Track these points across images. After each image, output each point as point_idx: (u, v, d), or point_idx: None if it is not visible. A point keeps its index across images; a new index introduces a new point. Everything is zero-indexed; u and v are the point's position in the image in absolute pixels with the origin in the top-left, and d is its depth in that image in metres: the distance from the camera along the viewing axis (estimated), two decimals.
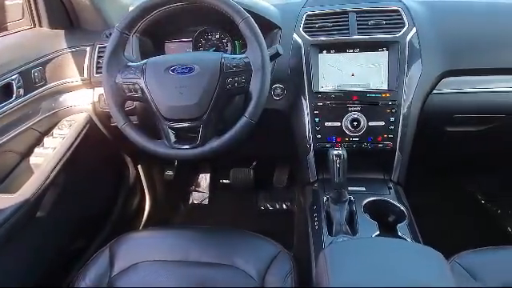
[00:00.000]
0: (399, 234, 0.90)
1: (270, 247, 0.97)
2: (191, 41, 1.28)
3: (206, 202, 1.93)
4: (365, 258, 0.67)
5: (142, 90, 0.93)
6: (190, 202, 1.94)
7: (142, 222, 1.64)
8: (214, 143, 0.92)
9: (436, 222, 1.33)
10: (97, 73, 1.21)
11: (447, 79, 1.10)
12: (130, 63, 0.96)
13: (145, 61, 0.96)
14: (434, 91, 1.10)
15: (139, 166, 1.58)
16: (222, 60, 0.92)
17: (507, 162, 1.58)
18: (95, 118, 1.27)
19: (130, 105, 1.17)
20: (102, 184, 1.44)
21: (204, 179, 1.97)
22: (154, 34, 1.26)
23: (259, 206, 1.89)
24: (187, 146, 0.93)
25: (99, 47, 1.22)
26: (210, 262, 0.95)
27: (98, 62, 1.21)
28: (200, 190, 1.96)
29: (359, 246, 0.71)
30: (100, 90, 1.22)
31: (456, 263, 0.89)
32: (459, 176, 1.74)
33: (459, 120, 1.14)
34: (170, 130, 0.93)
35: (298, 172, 1.24)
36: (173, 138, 0.93)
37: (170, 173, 1.72)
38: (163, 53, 1.30)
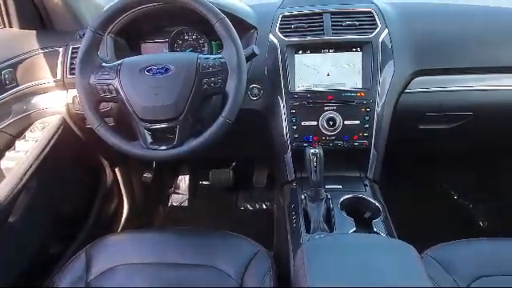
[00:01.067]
0: (375, 229, 0.92)
1: (249, 247, 0.98)
2: (168, 41, 1.27)
3: (185, 203, 1.92)
4: (340, 254, 0.68)
5: (116, 90, 0.91)
6: (170, 204, 1.92)
7: (120, 226, 1.62)
8: (191, 143, 0.91)
9: (411, 217, 1.36)
10: (70, 74, 1.19)
11: (419, 78, 1.13)
12: (105, 64, 0.94)
13: (120, 61, 0.95)
14: (407, 90, 1.13)
15: (116, 169, 1.56)
16: (198, 60, 0.92)
17: (478, 158, 1.64)
18: (69, 121, 1.24)
19: (105, 106, 1.16)
20: (78, 187, 1.41)
21: (183, 181, 1.95)
22: (129, 35, 1.24)
23: (239, 207, 1.90)
24: (164, 147, 0.92)
25: (72, 48, 1.20)
26: (189, 263, 0.94)
27: (71, 63, 1.19)
28: (179, 191, 1.94)
29: (335, 242, 0.73)
30: (74, 92, 1.19)
31: (429, 256, 0.91)
32: (433, 172, 1.79)
33: (431, 118, 1.18)
34: (146, 131, 0.92)
35: (277, 171, 1.25)
36: (149, 139, 0.93)
37: (148, 175, 1.70)
38: (139, 53, 1.29)
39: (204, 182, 1.97)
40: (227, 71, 0.91)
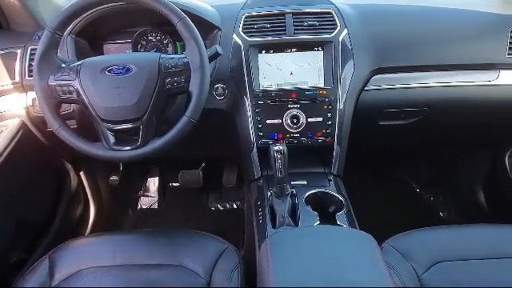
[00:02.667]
0: (338, 222, 0.95)
1: (217, 245, 0.99)
2: (131, 42, 1.26)
3: (155, 206, 1.90)
4: (302, 245, 0.71)
5: (77, 91, 0.90)
6: (139, 207, 1.90)
7: (88, 230, 1.58)
8: (156, 143, 0.91)
9: (374, 210, 1.41)
10: (29, 76, 1.15)
11: (377, 76, 1.18)
12: (64, 64, 0.93)
13: (80, 62, 0.94)
14: (366, 88, 1.18)
15: (81, 172, 1.52)
16: (161, 60, 0.92)
17: (436, 152, 1.73)
18: (29, 124, 1.21)
19: (66, 108, 1.14)
20: (41, 192, 1.37)
21: (152, 183, 1.93)
22: (90, 35, 1.22)
23: (209, 207, 1.90)
24: (128, 148, 0.92)
25: (31, 49, 1.16)
26: (156, 263, 0.94)
27: (29, 65, 1.15)
28: (148, 194, 1.92)
29: (298, 234, 0.75)
30: (34, 94, 1.16)
31: (389, 245, 0.96)
32: (395, 167, 1.87)
33: (389, 114, 1.23)
34: (108, 132, 0.92)
35: (244, 170, 1.27)
36: (112, 140, 0.92)
37: (115, 178, 1.67)
38: (101, 54, 1.27)
39: (173, 184, 1.96)
40: (190, 71, 0.92)
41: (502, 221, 1.04)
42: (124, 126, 0.91)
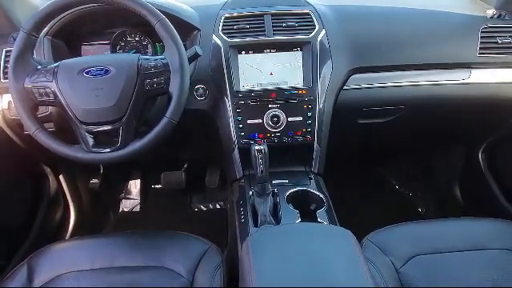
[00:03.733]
0: (318, 219, 0.97)
1: (199, 244, 0.99)
2: (109, 43, 1.25)
3: (137, 208, 1.88)
4: (283, 243, 0.72)
5: (54, 93, 0.89)
6: (121, 210, 1.88)
7: (68, 235, 1.56)
8: (136, 145, 0.91)
9: (354, 206, 1.44)
10: (4, 78, 1.13)
11: (355, 76, 1.21)
12: (40, 66, 0.91)
13: (57, 63, 0.93)
14: (345, 87, 1.20)
15: (61, 176, 1.50)
16: (140, 61, 0.92)
17: (414, 149, 1.77)
18: (5, 127, 1.18)
19: (44, 111, 1.12)
20: (18, 197, 1.34)
21: (134, 185, 1.92)
22: (68, 37, 1.20)
23: (193, 208, 1.90)
24: (108, 150, 0.91)
25: (6, 51, 1.14)
26: (138, 265, 0.94)
27: (5, 67, 1.13)
28: (130, 196, 1.90)
29: (278, 232, 0.76)
30: (9, 97, 1.13)
31: (368, 241, 0.98)
32: (374, 164, 1.91)
33: (368, 113, 1.26)
34: (87, 134, 0.91)
35: (226, 170, 1.28)
36: (91, 142, 0.91)
37: (96, 181, 1.65)
38: (79, 56, 1.25)
39: (156, 186, 1.95)
40: (170, 72, 0.92)
41: (476, 214, 1.08)
42: (103, 128, 0.90)
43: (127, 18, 1.10)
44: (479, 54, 1.21)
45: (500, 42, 1.21)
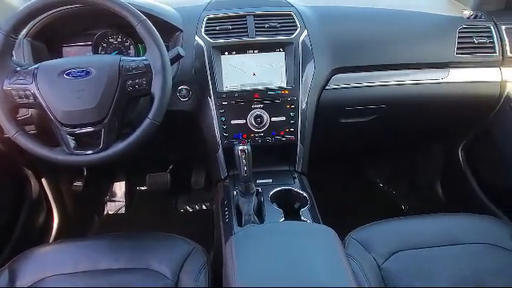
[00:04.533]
0: (302, 218, 0.98)
1: (184, 245, 0.99)
2: (91, 44, 1.24)
3: (122, 211, 1.87)
4: (266, 241, 0.73)
5: (34, 95, 0.88)
6: (105, 212, 1.86)
7: (51, 238, 1.53)
8: (118, 146, 0.91)
9: (338, 205, 1.46)
10: None
11: (337, 76, 1.22)
12: (19, 68, 0.90)
13: (36, 65, 0.92)
14: (327, 87, 1.22)
15: (43, 179, 1.48)
16: (121, 62, 0.91)
17: (397, 148, 1.80)
18: None
19: (25, 113, 1.10)
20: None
21: (119, 187, 1.90)
22: (48, 38, 1.19)
23: (179, 209, 1.89)
24: (90, 152, 0.91)
25: None
26: (122, 267, 0.93)
27: None
28: (115, 199, 1.89)
29: (261, 231, 0.77)
30: None
31: (351, 238, 0.99)
32: (358, 163, 1.93)
33: (350, 112, 1.28)
34: (68, 137, 0.90)
35: (211, 170, 1.28)
36: (72, 144, 0.90)
37: (79, 183, 1.63)
38: (61, 58, 1.23)
39: (141, 188, 1.94)
40: (152, 73, 0.92)
41: (457, 210, 1.11)
42: (85, 130, 0.90)
43: (109, 19, 1.09)
44: (457, 53, 1.24)
45: (476, 41, 1.24)
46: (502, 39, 1.26)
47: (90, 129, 0.90)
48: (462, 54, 1.24)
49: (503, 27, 1.27)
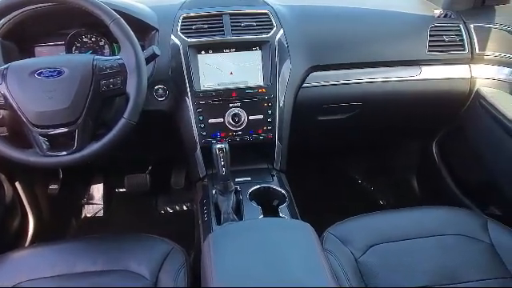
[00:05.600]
0: (280, 214, 0.99)
1: (162, 246, 0.98)
2: (64, 44, 1.21)
3: (100, 213, 1.83)
4: (243, 237, 0.73)
5: (4, 96, 0.86)
6: (83, 215, 1.82)
7: (27, 243, 1.49)
8: (93, 147, 0.90)
9: (318, 201, 1.48)
10: None
11: (314, 74, 1.24)
12: None
13: (6, 65, 0.89)
14: (304, 85, 1.23)
15: (17, 183, 1.44)
16: (95, 62, 0.90)
17: (374, 144, 1.84)
18: None
19: None
20: None
21: (97, 190, 1.87)
22: (19, 38, 1.16)
23: (159, 211, 1.87)
24: (64, 153, 0.89)
25: None
26: (100, 269, 0.92)
27: None
28: (93, 201, 1.85)
29: (239, 228, 0.78)
30: None
31: (329, 233, 1.01)
32: (337, 159, 1.96)
33: (327, 110, 1.30)
34: (41, 138, 0.88)
35: (189, 170, 1.27)
36: (45, 146, 0.88)
37: (55, 186, 1.59)
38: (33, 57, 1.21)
39: (120, 190, 1.91)
40: (126, 72, 0.91)
41: (432, 203, 1.14)
42: (58, 131, 0.88)
43: (82, 18, 1.08)
44: (428, 51, 1.28)
45: (447, 39, 1.29)
46: (470, 37, 1.30)
47: (63, 129, 0.88)
48: (433, 51, 1.28)
49: (472, 26, 1.31)
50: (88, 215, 1.83)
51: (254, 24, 1.19)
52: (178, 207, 1.88)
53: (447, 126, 1.51)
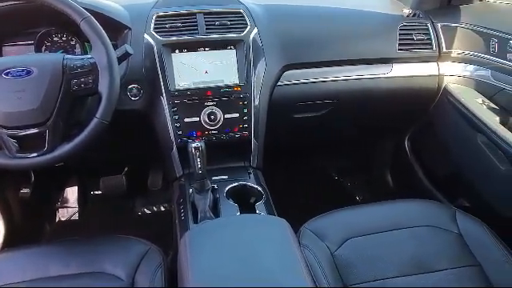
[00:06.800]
0: (257, 211, 1.00)
1: (139, 246, 0.97)
2: (33, 43, 1.18)
3: (75, 217, 1.79)
4: (219, 235, 0.73)
5: None
6: (57, 219, 1.78)
7: None
8: (65, 148, 0.88)
9: (295, 198, 1.49)
10: None
11: (289, 72, 1.26)
12: None
13: None
14: (279, 83, 1.25)
15: None
16: (65, 61, 0.89)
17: (350, 141, 1.87)
18: None
19: None
20: None
21: (71, 193, 1.82)
22: None
23: (136, 212, 1.84)
24: (34, 154, 0.87)
25: None
26: (75, 272, 0.90)
27: None
28: (67, 205, 1.81)
29: (215, 225, 0.78)
30: None
31: (305, 229, 1.03)
32: (313, 156, 1.99)
33: (302, 107, 1.32)
34: (10, 139, 0.86)
35: (166, 169, 1.27)
36: (15, 147, 0.86)
37: (27, 190, 1.55)
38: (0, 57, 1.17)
39: (95, 192, 1.87)
40: (98, 71, 0.90)
41: (405, 197, 1.17)
42: (28, 132, 0.86)
43: (52, 16, 1.05)
44: (398, 49, 1.32)
45: (415, 38, 1.33)
46: (438, 36, 1.35)
47: (33, 130, 0.86)
48: (403, 49, 1.32)
49: (439, 25, 1.36)
50: (62, 219, 1.78)
51: (228, 23, 1.20)
52: (155, 208, 1.86)
53: (418, 122, 1.56)
